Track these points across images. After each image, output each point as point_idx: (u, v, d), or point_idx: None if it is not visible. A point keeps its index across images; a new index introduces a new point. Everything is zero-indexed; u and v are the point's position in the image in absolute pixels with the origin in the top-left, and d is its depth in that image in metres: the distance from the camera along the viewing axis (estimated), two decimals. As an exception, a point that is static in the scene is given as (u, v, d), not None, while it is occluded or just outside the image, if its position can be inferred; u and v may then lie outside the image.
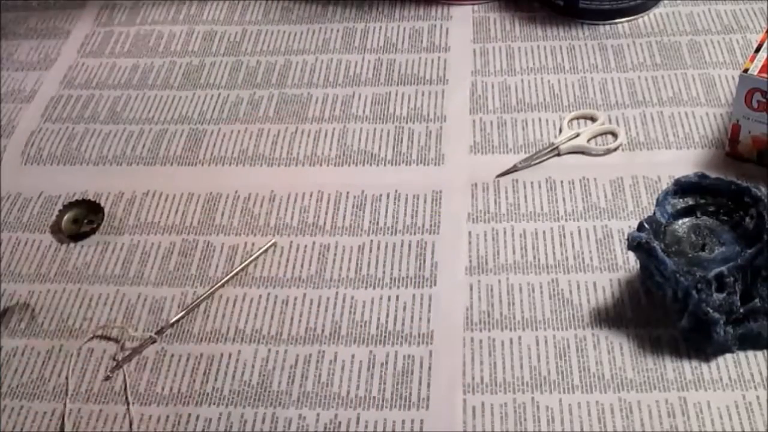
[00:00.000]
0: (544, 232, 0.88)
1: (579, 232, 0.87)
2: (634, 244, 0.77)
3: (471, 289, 0.84)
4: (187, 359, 0.81)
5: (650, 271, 0.78)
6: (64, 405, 0.78)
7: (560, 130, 0.97)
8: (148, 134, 1.02)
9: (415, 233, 0.89)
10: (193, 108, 1.04)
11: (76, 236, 0.92)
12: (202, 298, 0.85)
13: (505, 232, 0.88)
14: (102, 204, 0.94)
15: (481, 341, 0.80)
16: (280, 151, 0.98)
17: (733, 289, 0.75)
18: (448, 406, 0.76)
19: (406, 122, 1.00)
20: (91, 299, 0.86)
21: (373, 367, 0.79)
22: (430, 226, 0.89)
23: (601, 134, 0.97)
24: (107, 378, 0.80)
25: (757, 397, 0.74)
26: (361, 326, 0.82)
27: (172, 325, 0.83)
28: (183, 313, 0.84)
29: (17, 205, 0.96)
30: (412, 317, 0.82)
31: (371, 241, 0.89)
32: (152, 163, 0.99)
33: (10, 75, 1.12)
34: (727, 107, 0.97)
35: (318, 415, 0.76)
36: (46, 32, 1.18)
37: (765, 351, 0.77)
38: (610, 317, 0.80)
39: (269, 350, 0.81)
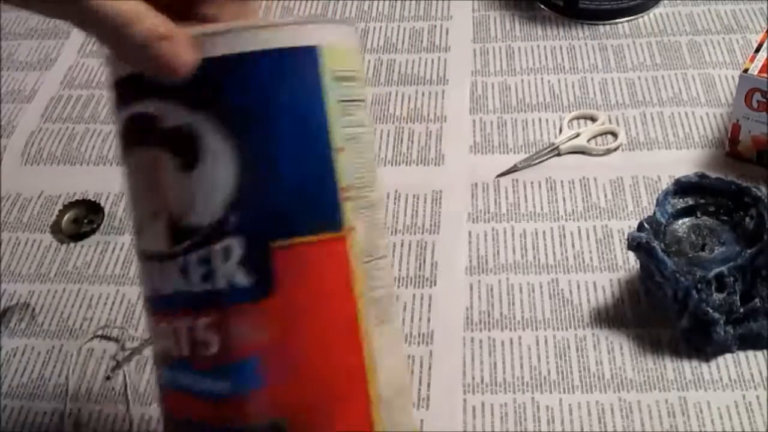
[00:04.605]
0: (544, 232, 0.88)
1: (579, 232, 0.87)
2: (634, 244, 0.77)
3: (471, 289, 0.84)
4: (187, 359, 0.81)
5: (650, 271, 0.78)
6: (65, 405, 0.78)
7: (560, 130, 0.97)
8: (148, 134, 1.02)
9: (415, 233, 0.89)
10: (193, 108, 1.04)
11: (76, 236, 0.91)
12: (202, 298, 0.84)
13: (505, 232, 0.88)
14: (102, 204, 0.94)
15: (481, 341, 0.80)
16: (280, 151, 0.98)
17: (733, 289, 0.75)
18: (448, 406, 0.76)
19: (406, 122, 1.00)
20: (91, 299, 0.86)
21: (373, 367, 0.79)
22: (430, 226, 0.89)
23: (601, 134, 0.97)
24: (107, 378, 0.80)
25: (757, 397, 0.74)
26: (361, 326, 0.82)
27: (172, 325, 0.83)
28: (183, 313, 0.84)
29: (17, 205, 0.96)
30: (412, 317, 0.82)
31: (371, 241, 0.89)
32: (152, 163, 0.99)
33: (10, 75, 1.12)
34: (727, 107, 0.97)
35: (318, 415, 0.76)
36: (46, 32, 1.18)
37: (765, 351, 0.76)
38: (610, 317, 0.80)
39: (269, 350, 0.81)
